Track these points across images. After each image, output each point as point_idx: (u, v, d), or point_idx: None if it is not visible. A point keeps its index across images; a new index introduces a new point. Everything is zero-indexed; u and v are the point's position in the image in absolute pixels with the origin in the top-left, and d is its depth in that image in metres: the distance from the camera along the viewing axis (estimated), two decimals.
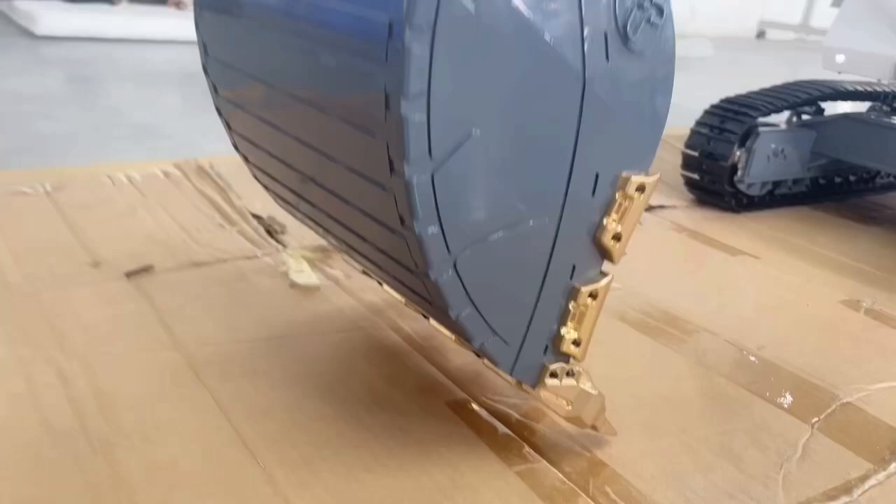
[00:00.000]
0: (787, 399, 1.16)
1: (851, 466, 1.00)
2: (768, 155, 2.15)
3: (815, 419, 1.11)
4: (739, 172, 2.13)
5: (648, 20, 0.80)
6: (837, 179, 2.41)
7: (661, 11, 0.81)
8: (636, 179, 0.85)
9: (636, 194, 0.85)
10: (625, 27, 0.78)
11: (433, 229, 0.71)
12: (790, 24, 10.00)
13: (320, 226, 1.03)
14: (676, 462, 0.97)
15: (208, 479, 0.83)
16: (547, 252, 0.82)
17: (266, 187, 1.12)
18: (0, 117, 2.42)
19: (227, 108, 1.05)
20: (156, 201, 1.61)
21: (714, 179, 2.14)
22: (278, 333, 1.16)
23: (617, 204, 0.85)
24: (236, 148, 1.11)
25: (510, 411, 1.03)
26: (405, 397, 1.03)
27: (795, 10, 10.03)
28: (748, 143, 2.10)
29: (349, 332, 1.19)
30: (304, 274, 1.32)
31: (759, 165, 2.13)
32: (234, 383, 1.02)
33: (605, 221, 0.85)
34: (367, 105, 0.69)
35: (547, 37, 0.71)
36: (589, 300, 0.88)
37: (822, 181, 2.37)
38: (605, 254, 0.88)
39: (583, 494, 0.89)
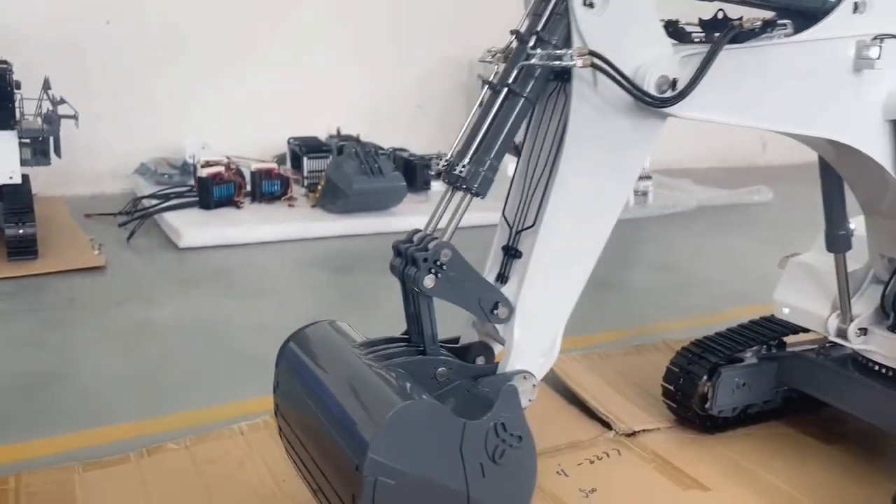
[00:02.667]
0: None
1: None
2: (732, 388, 2.67)
3: None
4: (708, 402, 2.66)
5: (511, 446, 1.44)
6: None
7: (520, 438, 1.45)
8: None
9: None
10: (493, 455, 1.42)
11: None
12: None
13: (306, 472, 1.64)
14: None
15: None
16: None
17: (287, 452, 1.74)
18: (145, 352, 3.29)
19: (280, 420, 1.70)
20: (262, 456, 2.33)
21: (687, 408, 2.67)
22: None
23: None
24: (280, 432, 1.74)
25: None
26: None
27: None
28: (713, 380, 2.64)
29: None
30: None
31: (724, 397, 2.64)
32: None
33: None
34: (346, 463, 1.34)
35: (442, 479, 1.36)
36: None
37: (794, 395, 2.84)
38: None
39: None
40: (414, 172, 6.13)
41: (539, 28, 1.47)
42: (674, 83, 1.53)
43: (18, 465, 2.28)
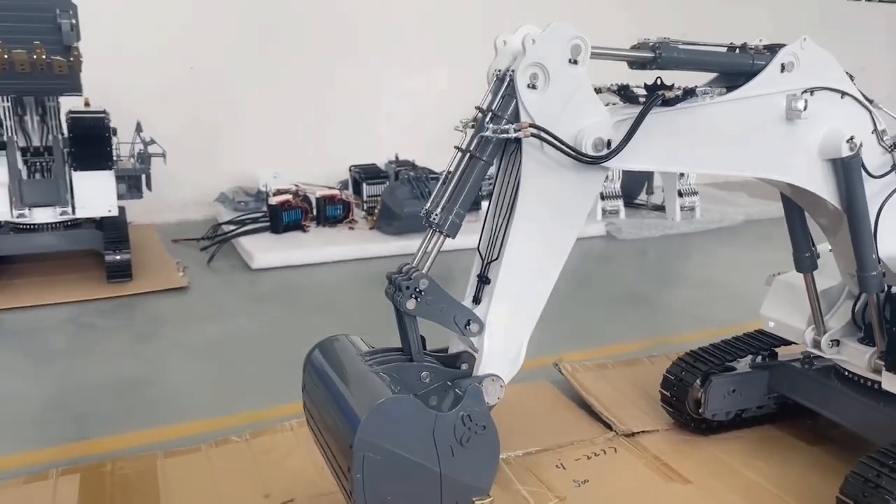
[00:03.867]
0: None
1: None
2: (724, 394, 2.97)
3: None
4: (701, 407, 2.96)
5: (476, 433, 1.83)
6: None
7: (484, 427, 1.84)
8: (479, 499, 1.86)
9: None
10: (461, 440, 1.82)
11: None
12: None
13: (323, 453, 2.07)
14: None
15: None
16: None
17: (314, 439, 2.17)
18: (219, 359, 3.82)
19: (307, 413, 2.14)
20: (305, 447, 2.79)
21: (682, 413, 2.98)
22: None
23: None
24: (308, 423, 2.16)
25: None
26: None
27: None
28: (705, 387, 2.94)
29: None
30: None
31: (716, 402, 2.94)
32: None
33: None
34: (344, 443, 1.77)
35: (418, 458, 1.77)
36: None
37: (789, 402, 3.10)
38: None
39: None
40: None
41: (494, 106, 1.87)
42: (608, 143, 1.91)
43: (113, 453, 2.82)
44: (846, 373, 2.75)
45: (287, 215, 5.98)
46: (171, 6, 6.55)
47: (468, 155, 1.89)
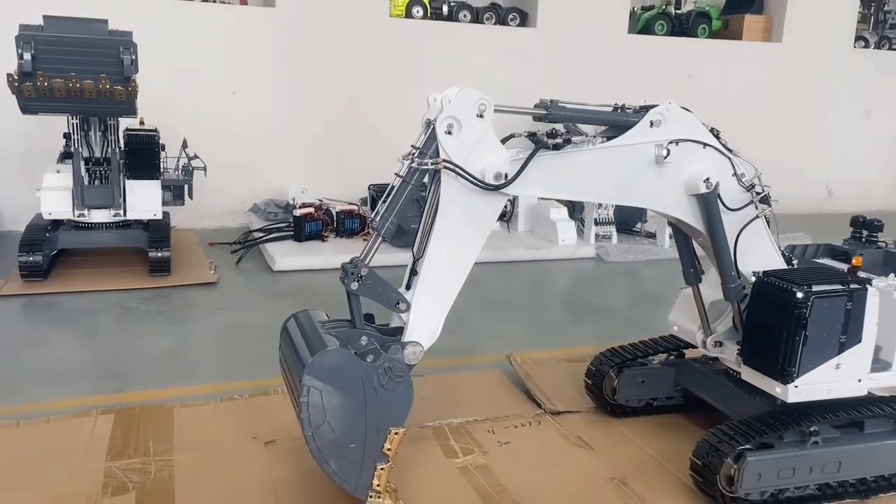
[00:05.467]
0: None
1: None
2: (635, 384, 3.60)
3: None
4: (616, 394, 3.59)
5: (394, 381, 2.53)
6: None
7: (400, 377, 2.54)
8: (396, 430, 2.55)
9: (396, 437, 2.54)
10: (384, 385, 2.51)
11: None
12: None
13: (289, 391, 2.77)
14: None
15: None
16: (362, 452, 2.52)
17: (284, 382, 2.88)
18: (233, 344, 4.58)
19: (281, 365, 2.86)
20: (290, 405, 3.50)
21: (601, 398, 3.62)
22: None
23: (390, 440, 2.54)
24: (282, 372, 2.90)
25: None
26: None
27: None
28: (619, 376, 3.57)
29: None
30: None
31: (628, 390, 3.58)
32: None
33: (388, 444, 2.54)
34: (297, 380, 2.48)
35: (349, 394, 2.47)
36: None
37: (693, 394, 3.69)
38: (389, 455, 2.55)
39: None
40: None
41: (421, 145, 2.59)
42: (506, 176, 2.61)
43: (141, 402, 3.58)
44: (731, 370, 3.36)
45: (309, 226, 6.76)
46: (216, 41, 7.44)
47: (401, 180, 2.61)
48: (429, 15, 8.40)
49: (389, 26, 8.10)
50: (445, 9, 8.48)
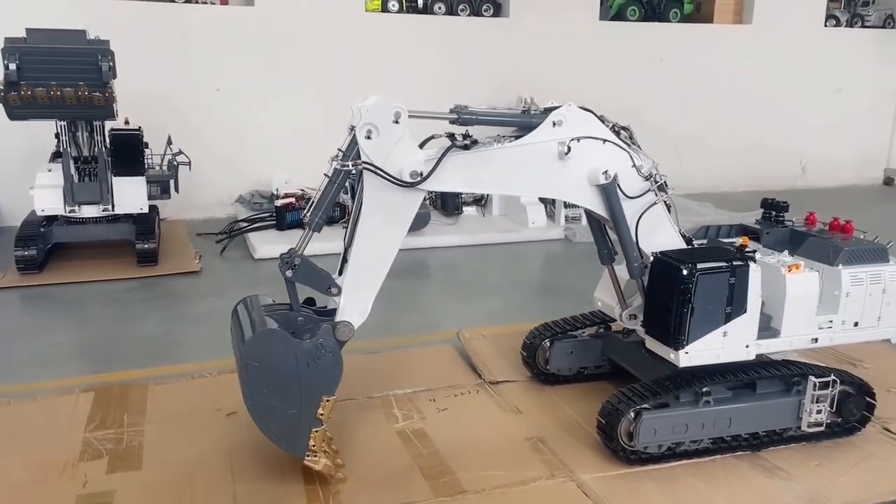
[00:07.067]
0: None
1: None
2: (565, 355, 3.97)
3: None
4: (548, 364, 3.97)
5: (326, 356, 2.91)
6: None
7: (332, 353, 2.92)
8: (327, 398, 2.93)
9: (327, 404, 2.93)
10: (315, 359, 2.90)
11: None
12: None
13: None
14: None
15: None
16: (298, 417, 2.91)
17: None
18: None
19: (231, 340, 3.24)
20: None
21: (535, 368, 3.99)
22: None
23: (323, 406, 2.93)
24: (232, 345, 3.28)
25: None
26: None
27: None
28: (551, 348, 3.94)
29: None
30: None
31: (558, 360, 3.95)
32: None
33: (321, 410, 2.93)
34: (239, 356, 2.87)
35: (285, 368, 2.86)
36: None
37: (618, 363, 4.05)
38: (322, 420, 2.94)
39: None
40: (446, 201, 7.66)
41: (345, 148, 2.95)
42: (421, 174, 2.97)
43: (120, 381, 3.98)
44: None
45: (290, 215, 7.13)
46: (199, 40, 7.79)
47: (328, 180, 2.97)
48: (404, 8, 8.70)
49: (366, 20, 8.41)
50: (420, 1, 8.77)
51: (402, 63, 8.37)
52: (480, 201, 8.07)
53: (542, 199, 7.62)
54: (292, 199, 7.23)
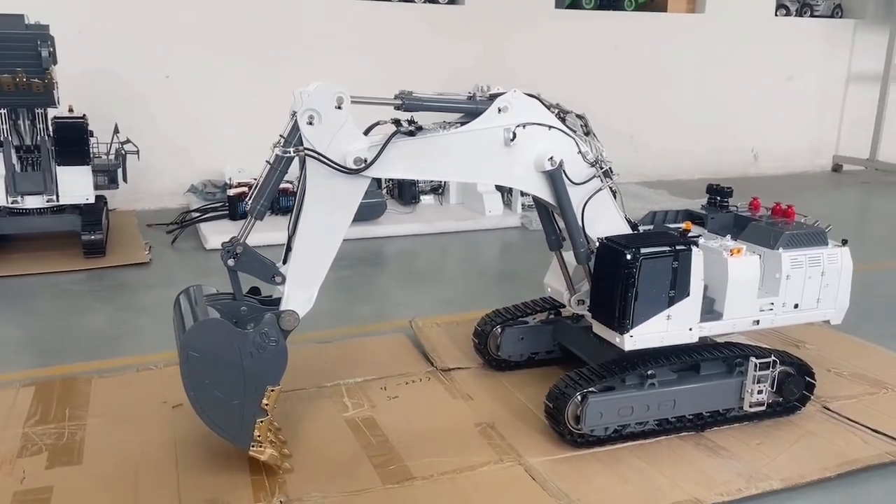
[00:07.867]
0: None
1: None
2: (515, 341, 3.99)
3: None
4: (499, 350, 3.98)
5: (269, 344, 2.87)
6: None
7: (275, 342, 2.88)
8: (272, 388, 2.90)
9: (272, 394, 2.90)
10: (259, 349, 2.86)
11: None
12: (860, 158, 10.89)
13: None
14: None
15: None
16: (242, 408, 2.87)
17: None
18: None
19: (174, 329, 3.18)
20: None
21: (486, 354, 4.01)
22: None
23: (268, 397, 2.90)
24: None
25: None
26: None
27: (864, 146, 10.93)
28: (502, 334, 3.96)
29: None
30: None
31: (509, 346, 3.97)
32: None
33: (265, 401, 2.90)
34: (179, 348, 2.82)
35: (227, 357, 2.82)
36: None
37: (569, 349, 4.08)
38: (267, 410, 2.91)
39: None
40: (403, 189, 7.63)
41: (286, 135, 2.91)
42: (365, 160, 2.94)
43: (62, 375, 3.89)
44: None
45: (243, 205, 7.00)
46: (148, 26, 7.61)
47: (269, 167, 2.93)
48: None
49: (319, 6, 8.30)
50: None
51: (357, 51, 8.29)
52: (438, 190, 8.05)
53: (498, 188, 7.64)
54: (245, 189, 7.11)
